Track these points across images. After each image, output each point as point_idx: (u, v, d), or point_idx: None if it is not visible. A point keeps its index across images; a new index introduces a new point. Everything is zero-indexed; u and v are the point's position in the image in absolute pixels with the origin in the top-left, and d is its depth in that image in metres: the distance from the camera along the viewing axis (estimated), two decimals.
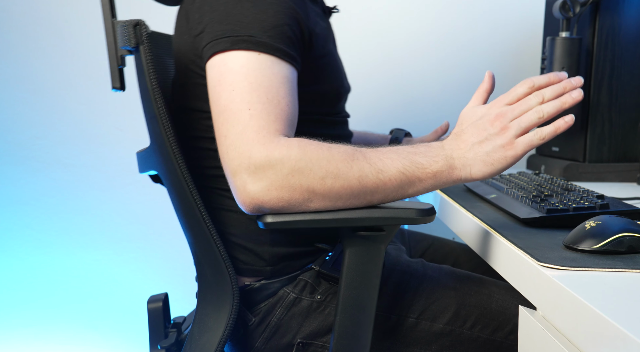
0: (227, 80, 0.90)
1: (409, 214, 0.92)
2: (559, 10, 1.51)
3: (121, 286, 2.02)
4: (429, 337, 1.07)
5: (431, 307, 1.08)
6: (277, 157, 0.85)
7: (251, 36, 0.91)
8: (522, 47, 2.00)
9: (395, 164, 0.90)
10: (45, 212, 1.98)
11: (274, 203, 0.86)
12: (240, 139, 0.87)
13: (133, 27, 0.94)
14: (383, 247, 0.95)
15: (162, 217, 2.01)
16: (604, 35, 1.55)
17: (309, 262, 1.09)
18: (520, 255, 0.87)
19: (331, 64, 1.10)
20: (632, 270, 0.80)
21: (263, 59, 0.91)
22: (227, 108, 0.89)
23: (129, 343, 2.04)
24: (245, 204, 0.87)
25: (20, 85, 1.93)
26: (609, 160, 1.59)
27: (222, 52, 0.92)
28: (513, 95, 0.94)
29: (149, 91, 0.94)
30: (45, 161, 1.97)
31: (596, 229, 0.88)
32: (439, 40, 2.00)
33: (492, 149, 0.91)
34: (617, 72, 1.57)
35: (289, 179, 0.85)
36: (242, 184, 0.86)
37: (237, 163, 0.86)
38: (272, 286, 1.07)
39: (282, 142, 0.86)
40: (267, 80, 0.90)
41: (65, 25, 1.93)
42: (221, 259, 0.98)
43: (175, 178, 0.96)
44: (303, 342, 1.06)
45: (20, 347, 2.01)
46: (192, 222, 0.99)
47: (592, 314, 0.66)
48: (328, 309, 1.07)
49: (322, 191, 0.87)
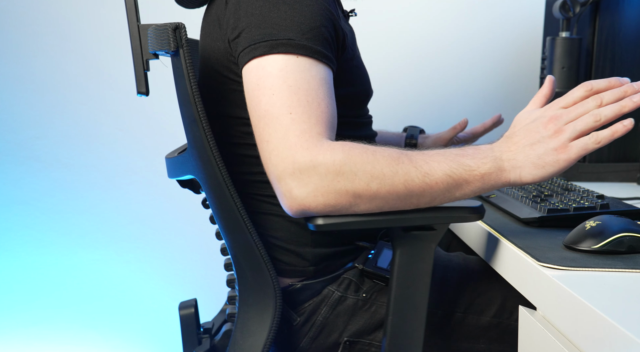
0: (266, 84, 0.89)
1: (461, 212, 0.92)
2: (559, 10, 1.51)
3: (121, 286, 2.02)
4: (477, 331, 1.07)
5: (477, 300, 1.08)
6: (322, 162, 0.84)
7: (290, 39, 0.90)
8: (522, 47, 2.00)
9: (442, 167, 0.88)
10: (45, 212, 1.98)
11: (321, 208, 0.86)
12: (283, 144, 0.86)
13: (173, 30, 0.92)
14: (434, 246, 0.95)
15: (162, 217, 2.01)
16: (604, 35, 1.55)
17: (350, 261, 1.10)
18: (520, 255, 0.87)
19: (360, 67, 1.10)
20: (632, 270, 0.80)
21: (301, 62, 0.90)
22: (267, 113, 0.88)
23: (129, 343, 2.04)
24: (292, 209, 0.86)
25: (20, 85, 1.93)
26: (609, 160, 1.59)
27: (259, 56, 0.91)
28: (569, 99, 0.92)
29: (189, 95, 0.93)
30: (45, 161, 1.97)
31: (596, 229, 0.88)
32: (438, 40, 2.00)
33: (544, 151, 0.88)
34: (617, 72, 1.57)
35: (335, 184, 0.84)
36: (287, 190, 0.85)
37: (282, 168, 0.85)
38: (315, 286, 1.07)
39: (326, 146, 0.85)
40: (306, 83, 0.89)
41: (66, 25, 1.93)
42: (262, 261, 0.97)
43: (216, 183, 0.95)
44: (350, 340, 1.07)
45: (20, 347, 2.01)
46: (232, 226, 0.98)
47: (592, 314, 0.66)
48: (374, 306, 1.07)
49: (368, 196, 0.86)
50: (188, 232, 2.02)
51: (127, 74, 1.98)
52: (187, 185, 1.13)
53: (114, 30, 1.94)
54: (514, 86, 2.00)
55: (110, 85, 1.96)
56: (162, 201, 2.00)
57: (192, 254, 2.03)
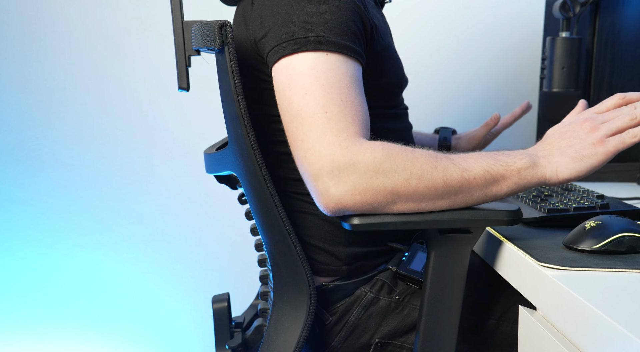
0: (298, 83, 0.89)
1: (498, 216, 0.91)
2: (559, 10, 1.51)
3: (121, 285, 2.01)
4: (511, 339, 1.06)
5: (512, 308, 1.06)
6: (362, 160, 0.84)
7: (318, 36, 0.90)
8: (522, 47, 2.00)
9: (480, 163, 0.88)
10: (45, 212, 1.98)
11: (358, 207, 0.85)
12: (320, 143, 0.85)
13: (219, 28, 0.92)
14: (469, 249, 0.94)
15: (162, 217, 2.01)
16: (604, 35, 1.55)
17: (383, 262, 1.09)
18: (520, 255, 0.87)
19: (392, 57, 1.09)
20: (632, 270, 0.80)
21: (332, 59, 0.90)
22: (301, 112, 0.88)
23: (129, 343, 2.04)
24: (329, 208, 0.86)
25: (20, 85, 1.93)
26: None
27: (288, 55, 0.90)
28: (602, 106, 0.93)
29: (232, 92, 0.93)
30: (45, 161, 1.97)
31: (596, 229, 0.88)
32: (438, 40, 2.00)
33: (581, 146, 0.89)
34: (617, 72, 1.57)
35: (373, 182, 0.84)
36: (324, 188, 0.85)
37: (319, 167, 0.85)
38: (348, 286, 1.07)
39: (365, 146, 0.86)
40: (339, 81, 0.89)
41: (66, 25, 1.93)
42: (298, 259, 0.98)
43: (255, 180, 0.96)
44: (381, 342, 1.06)
45: (20, 347, 2.01)
46: (269, 223, 0.99)
47: (592, 314, 0.66)
48: (407, 309, 1.07)
49: (407, 193, 0.86)
50: (188, 232, 2.02)
51: (127, 74, 1.99)
52: (224, 180, 1.14)
53: (114, 30, 1.94)
54: (514, 86, 2.00)
55: (110, 85, 1.96)
56: (162, 201, 2.00)
57: (192, 254, 2.03)
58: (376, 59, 1.02)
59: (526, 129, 2.00)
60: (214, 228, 2.02)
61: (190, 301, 2.04)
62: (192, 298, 2.03)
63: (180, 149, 1.98)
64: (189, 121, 1.97)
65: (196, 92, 1.43)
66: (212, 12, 1.42)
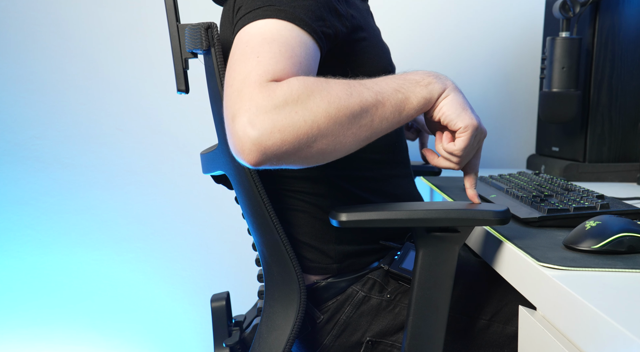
0: (243, 39, 0.87)
1: (485, 216, 0.91)
2: (559, 10, 1.51)
3: (121, 285, 2.02)
4: (501, 340, 1.06)
5: (504, 309, 1.06)
6: (279, 94, 0.80)
7: (272, 5, 0.88)
8: (522, 47, 2.00)
9: (391, 84, 0.90)
10: (45, 212, 1.98)
11: (278, 147, 0.80)
12: (243, 83, 0.82)
13: (205, 30, 0.93)
14: (457, 248, 0.95)
15: (162, 217, 2.01)
16: (604, 35, 1.55)
17: (374, 260, 1.09)
18: (520, 255, 0.87)
19: (377, 45, 1.09)
20: (632, 270, 0.80)
21: (283, 24, 0.88)
22: (237, 61, 0.85)
23: (129, 343, 2.04)
24: (245, 153, 0.80)
25: (20, 85, 1.93)
26: (609, 160, 1.59)
27: (247, 24, 0.89)
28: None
29: (219, 93, 0.93)
30: (45, 161, 1.97)
31: (596, 229, 0.88)
32: (438, 40, 2.00)
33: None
34: (617, 72, 1.57)
35: (292, 116, 0.80)
36: (242, 129, 0.79)
37: (238, 107, 0.80)
38: (339, 284, 1.07)
39: (284, 82, 0.82)
40: (284, 38, 0.86)
41: (66, 25, 1.93)
42: (288, 258, 0.98)
43: (244, 178, 0.96)
44: (372, 340, 1.07)
45: (20, 347, 2.01)
46: (259, 222, 0.99)
47: (592, 314, 0.66)
48: (398, 308, 1.07)
49: (327, 125, 0.82)
50: (188, 231, 2.02)
51: (127, 74, 1.99)
52: (221, 180, 1.14)
53: (114, 30, 1.94)
54: (514, 86, 2.00)
55: (110, 85, 1.96)
56: (162, 201, 2.00)
57: (192, 253, 2.03)
58: (358, 49, 1.02)
59: (526, 129, 2.00)
60: (214, 228, 2.02)
61: (190, 300, 2.04)
62: (192, 298, 2.03)
63: (180, 149, 1.98)
64: (189, 121, 1.97)
65: (196, 92, 1.43)
66: (212, 12, 1.42)
